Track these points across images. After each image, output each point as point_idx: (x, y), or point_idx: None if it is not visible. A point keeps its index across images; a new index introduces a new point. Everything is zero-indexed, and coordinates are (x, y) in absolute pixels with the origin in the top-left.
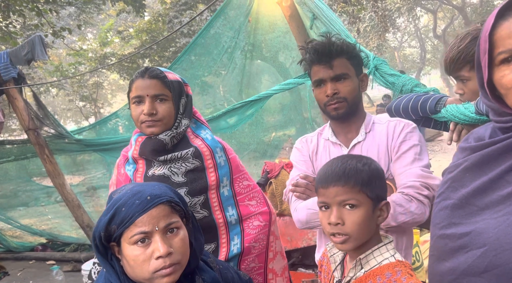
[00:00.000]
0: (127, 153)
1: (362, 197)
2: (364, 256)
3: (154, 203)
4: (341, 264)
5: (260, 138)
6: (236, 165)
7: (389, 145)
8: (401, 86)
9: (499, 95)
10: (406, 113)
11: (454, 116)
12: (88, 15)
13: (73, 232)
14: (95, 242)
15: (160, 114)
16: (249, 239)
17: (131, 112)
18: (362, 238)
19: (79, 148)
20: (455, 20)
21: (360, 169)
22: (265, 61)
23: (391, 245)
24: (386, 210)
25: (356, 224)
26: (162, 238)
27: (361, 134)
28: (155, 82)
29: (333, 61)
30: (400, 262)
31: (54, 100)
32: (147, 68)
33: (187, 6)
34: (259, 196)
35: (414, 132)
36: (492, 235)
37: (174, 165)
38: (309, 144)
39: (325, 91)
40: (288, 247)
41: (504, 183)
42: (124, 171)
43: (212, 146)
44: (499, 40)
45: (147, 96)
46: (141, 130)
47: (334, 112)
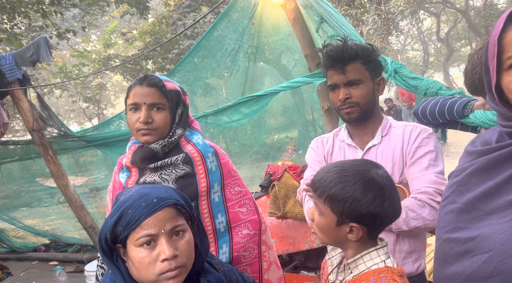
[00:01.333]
0: (122, 160)
1: (325, 209)
2: (353, 261)
3: (160, 206)
4: (337, 267)
5: (263, 140)
6: (228, 170)
7: (405, 149)
8: (425, 90)
9: (507, 100)
10: (433, 117)
11: (484, 122)
12: (92, 17)
13: (76, 232)
14: (101, 243)
15: (155, 123)
16: (238, 248)
17: (127, 119)
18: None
19: (82, 145)
20: (459, 23)
21: (334, 184)
22: (268, 64)
23: (383, 250)
24: (356, 232)
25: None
26: (168, 240)
27: (377, 138)
28: (153, 91)
29: (346, 66)
30: (388, 268)
31: (57, 101)
32: (146, 75)
33: (190, 9)
34: (250, 204)
35: (431, 138)
36: (498, 241)
37: (165, 172)
38: (325, 144)
39: (338, 95)
40: (290, 250)
41: (510, 188)
42: (118, 179)
43: (203, 150)
44: (507, 44)
45: (144, 104)
46: (136, 138)
47: (346, 117)
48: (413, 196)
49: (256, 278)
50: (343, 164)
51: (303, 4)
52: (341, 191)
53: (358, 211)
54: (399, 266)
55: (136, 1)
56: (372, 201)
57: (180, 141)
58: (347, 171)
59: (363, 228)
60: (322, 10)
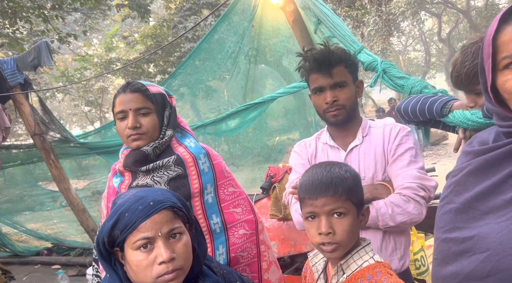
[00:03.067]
0: (116, 166)
1: (349, 205)
2: (345, 261)
3: (157, 209)
4: (323, 272)
5: (264, 142)
6: (220, 171)
7: (386, 148)
8: (410, 88)
9: (502, 100)
10: (414, 115)
11: (462, 122)
12: (94, 20)
13: (78, 236)
14: (98, 247)
15: (144, 127)
16: (235, 249)
17: (117, 129)
18: (350, 244)
19: (84, 151)
20: (460, 23)
21: (345, 176)
22: (269, 66)
23: (370, 247)
24: (366, 214)
25: (346, 232)
26: (165, 243)
27: (358, 138)
28: (137, 96)
29: (332, 69)
30: (379, 263)
31: (59, 105)
32: (129, 82)
33: (191, 12)
34: (245, 204)
35: (409, 136)
36: (496, 240)
37: (157, 174)
38: (308, 147)
39: (324, 98)
40: (292, 252)
41: (507, 187)
42: (112, 184)
43: (195, 152)
44: (502, 44)
45: (130, 110)
46: (128, 145)
47: (333, 119)
48: (398, 192)
49: (256, 278)
50: (318, 168)
51: (302, 5)
52: (354, 180)
53: (362, 193)
54: (385, 261)
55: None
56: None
57: (171, 143)
58: (332, 166)
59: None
60: (318, 11)
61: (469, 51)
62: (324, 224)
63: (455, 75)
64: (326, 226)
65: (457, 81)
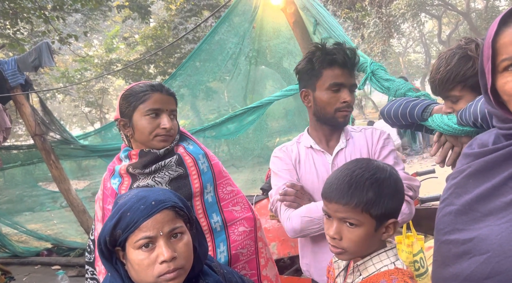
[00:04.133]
0: (113, 167)
1: (364, 217)
2: (362, 263)
3: (159, 208)
4: (345, 270)
5: (265, 143)
6: (219, 171)
7: (370, 150)
8: (395, 91)
9: (502, 102)
10: (396, 119)
11: (439, 126)
12: (94, 21)
13: (78, 237)
14: (100, 246)
15: (173, 129)
16: (236, 246)
17: (141, 123)
18: (359, 253)
19: (84, 153)
20: (460, 25)
21: (368, 187)
22: (270, 67)
23: (393, 251)
24: (393, 227)
25: (353, 242)
26: (166, 242)
27: (343, 142)
28: (172, 99)
29: (354, 70)
30: (399, 269)
31: (60, 106)
32: (161, 84)
33: (192, 13)
34: (243, 202)
35: (390, 139)
36: (496, 241)
37: (158, 175)
38: (290, 152)
39: (342, 97)
40: (292, 253)
41: (507, 189)
42: (110, 185)
43: (194, 153)
44: (502, 47)
45: (167, 111)
46: (148, 143)
47: (342, 119)
48: None
49: (254, 275)
50: (345, 169)
51: (301, 6)
52: (378, 192)
53: (395, 204)
54: (408, 268)
55: (138, 6)
56: (401, 191)
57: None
58: (362, 172)
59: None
60: (315, 12)
61: (443, 57)
62: (333, 228)
63: (431, 81)
64: (334, 231)
65: (433, 87)
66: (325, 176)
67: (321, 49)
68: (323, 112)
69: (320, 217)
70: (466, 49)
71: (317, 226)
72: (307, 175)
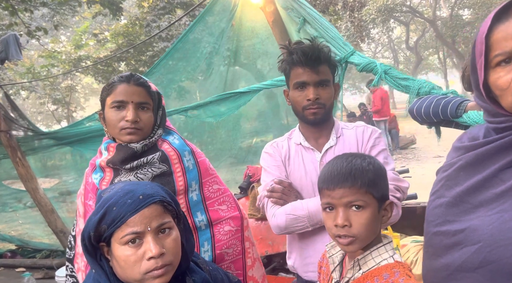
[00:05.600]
0: (95, 161)
1: (369, 198)
2: (362, 257)
3: (147, 203)
4: (340, 265)
5: (238, 144)
6: (205, 168)
7: (360, 148)
8: (418, 89)
9: (493, 97)
10: (427, 116)
11: (477, 123)
12: (62, 16)
13: (45, 237)
14: (84, 242)
15: (142, 122)
16: (221, 245)
17: (108, 116)
18: (368, 239)
19: (53, 143)
20: (427, 32)
21: (366, 169)
22: (243, 68)
23: (390, 245)
24: (390, 209)
25: (363, 226)
26: (154, 238)
27: (333, 139)
28: (141, 90)
29: (319, 66)
30: (399, 263)
31: (24, 103)
32: (132, 74)
33: (165, 11)
34: (230, 200)
35: (381, 137)
36: (487, 232)
37: (141, 171)
38: (281, 148)
39: (306, 95)
40: (269, 251)
41: (497, 181)
42: (91, 180)
43: (179, 149)
44: (495, 42)
45: (132, 103)
46: (117, 137)
47: (311, 117)
48: None
49: (240, 275)
50: (339, 159)
51: (284, 6)
52: (375, 173)
53: (386, 187)
54: (406, 262)
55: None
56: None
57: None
58: (355, 158)
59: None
60: (305, 13)
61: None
62: (340, 216)
63: (467, 75)
64: (342, 218)
65: (468, 83)
66: (313, 173)
67: (286, 49)
68: (295, 111)
69: (305, 215)
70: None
71: (302, 224)
72: (295, 171)
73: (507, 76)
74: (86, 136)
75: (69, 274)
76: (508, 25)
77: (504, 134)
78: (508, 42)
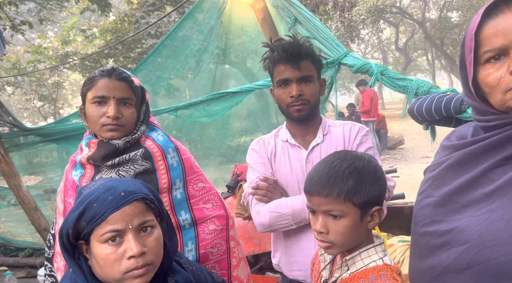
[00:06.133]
0: (75, 157)
1: (348, 207)
2: (351, 258)
3: (128, 200)
4: (330, 263)
5: (227, 143)
6: (190, 166)
7: (346, 146)
8: (416, 89)
9: (482, 95)
10: (429, 114)
11: None
12: (49, 11)
13: (28, 236)
14: (61, 239)
15: (124, 118)
16: (205, 245)
17: (88, 112)
18: (348, 245)
19: (39, 140)
20: (416, 34)
21: (347, 176)
22: (233, 66)
23: (381, 247)
24: (378, 215)
25: (340, 234)
26: (136, 236)
27: (319, 137)
28: (123, 85)
29: (300, 62)
30: (388, 265)
31: (9, 99)
32: (114, 68)
33: (154, 7)
34: (215, 199)
35: (368, 135)
36: (475, 232)
37: (123, 168)
38: (267, 145)
39: (289, 92)
40: (256, 251)
41: (486, 181)
42: (71, 177)
43: (163, 146)
44: (485, 39)
45: (113, 99)
46: (98, 133)
47: (296, 114)
48: None
49: (225, 275)
50: (324, 162)
51: (275, 4)
52: (358, 179)
53: (377, 191)
54: (395, 264)
55: None
56: (382, 178)
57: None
58: (340, 162)
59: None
60: (296, 12)
61: None
62: (319, 223)
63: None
64: (320, 225)
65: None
66: (299, 171)
67: (268, 47)
68: (281, 109)
69: (289, 212)
70: None
71: (286, 222)
72: (281, 169)
73: (496, 73)
74: (72, 134)
75: (48, 274)
76: (498, 21)
77: (492, 133)
78: (498, 38)
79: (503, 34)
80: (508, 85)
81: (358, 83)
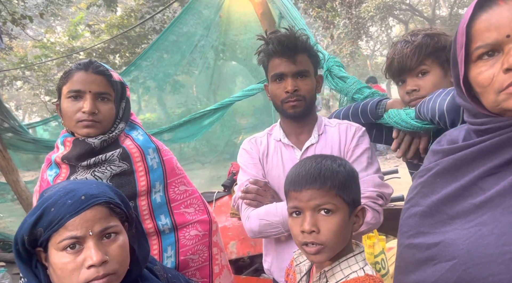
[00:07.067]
0: (51, 156)
1: (339, 201)
2: (330, 268)
3: (89, 204)
4: (307, 274)
5: (230, 140)
6: (171, 168)
7: (342, 147)
8: (346, 94)
9: (474, 95)
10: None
11: (397, 123)
12: (57, 6)
13: None
14: (16, 246)
15: (101, 114)
16: (185, 251)
17: (64, 107)
18: (337, 247)
19: (35, 147)
20: None
21: (337, 170)
22: (239, 63)
23: (361, 255)
24: (361, 216)
25: (333, 232)
26: (96, 244)
27: (314, 137)
28: (100, 79)
29: (296, 56)
30: (369, 276)
31: (18, 94)
32: (92, 61)
33: (160, 3)
34: (197, 203)
35: (365, 136)
36: (463, 247)
37: (99, 169)
38: (259, 145)
39: (284, 87)
40: (252, 252)
41: (477, 190)
42: (46, 176)
43: (143, 146)
44: (477, 33)
45: (89, 93)
46: (74, 130)
47: (291, 110)
48: None
49: None
50: (308, 160)
51: None
52: (346, 176)
53: (358, 192)
54: (377, 274)
55: None
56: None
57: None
58: (326, 159)
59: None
60: (280, 4)
61: (404, 40)
62: (308, 221)
63: (396, 59)
64: (310, 223)
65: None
66: None
67: (263, 40)
68: (275, 105)
69: (279, 221)
70: (422, 31)
71: (275, 230)
72: (273, 169)
73: (489, 71)
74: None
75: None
76: (491, 13)
77: (485, 137)
78: (491, 32)
79: (496, 28)
80: (501, 85)
81: (367, 80)
